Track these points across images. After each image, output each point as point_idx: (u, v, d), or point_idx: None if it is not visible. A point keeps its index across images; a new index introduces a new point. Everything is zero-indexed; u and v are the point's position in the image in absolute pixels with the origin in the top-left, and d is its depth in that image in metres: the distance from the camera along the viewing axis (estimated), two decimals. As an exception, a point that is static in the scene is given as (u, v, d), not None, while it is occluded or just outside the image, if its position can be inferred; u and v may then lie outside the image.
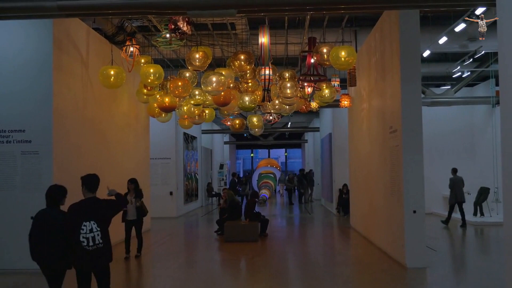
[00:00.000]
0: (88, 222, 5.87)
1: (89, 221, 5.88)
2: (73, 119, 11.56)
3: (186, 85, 11.62)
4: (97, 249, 5.88)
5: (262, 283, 9.82)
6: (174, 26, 9.71)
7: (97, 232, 5.87)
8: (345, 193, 20.53)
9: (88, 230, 5.85)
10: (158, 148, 20.86)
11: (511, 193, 4.35)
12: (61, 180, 10.75)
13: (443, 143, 20.93)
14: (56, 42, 10.76)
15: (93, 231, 5.86)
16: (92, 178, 6.25)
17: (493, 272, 10.26)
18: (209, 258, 12.80)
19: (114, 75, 10.72)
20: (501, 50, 4.45)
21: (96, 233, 5.86)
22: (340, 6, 8.09)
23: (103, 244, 5.93)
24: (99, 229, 5.89)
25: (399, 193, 10.76)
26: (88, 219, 5.89)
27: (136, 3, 7.76)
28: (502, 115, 4.50)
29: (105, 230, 6.00)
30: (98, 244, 5.87)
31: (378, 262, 11.28)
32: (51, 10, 7.81)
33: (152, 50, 14.56)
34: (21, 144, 10.55)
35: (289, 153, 54.57)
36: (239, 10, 7.76)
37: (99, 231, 5.88)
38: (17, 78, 10.61)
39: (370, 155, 14.02)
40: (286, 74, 11.85)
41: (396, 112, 10.98)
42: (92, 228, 5.86)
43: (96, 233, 5.86)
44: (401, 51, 10.66)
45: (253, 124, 15.77)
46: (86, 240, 5.82)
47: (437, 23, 13.06)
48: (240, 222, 15.39)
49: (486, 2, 7.83)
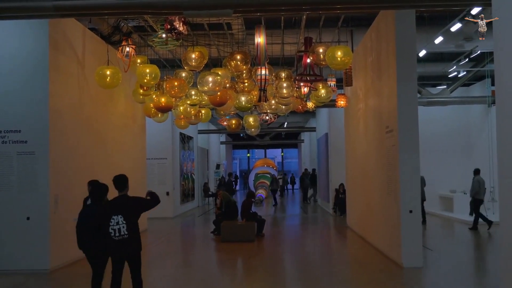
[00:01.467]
0: (116, 216, 6.71)
1: (117, 215, 6.72)
2: (69, 120, 11.54)
3: (182, 85, 11.60)
4: (123, 239, 6.72)
5: (259, 283, 9.83)
6: (170, 26, 9.70)
7: (123, 224, 6.70)
8: (341, 193, 20.54)
9: (115, 222, 6.70)
10: (155, 148, 20.84)
11: (507, 193, 4.36)
12: (57, 180, 10.77)
13: (439, 143, 20.95)
14: (52, 42, 10.74)
15: (119, 223, 6.70)
16: (118, 178, 7.11)
17: (489, 271, 10.29)
18: (206, 258, 12.79)
19: (110, 75, 10.69)
20: (497, 50, 4.47)
21: (122, 225, 6.70)
22: (336, 6, 8.10)
23: (128, 235, 6.73)
24: (125, 222, 6.72)
25: (396, 193, 10.77)
26: (116, 213, 6.73)
27: (132, 3, 7.75)
28: (498, 114, 4.52)
29: (132, 223, 6.78)
30: (123, 235, 6.70)
31: (375, 262, 11.29)
32: (47, 10, 7.79)
33: (148, 50, 14.53)
34: (17, 144, 10.52)
35: (285, 153, 54.56)
36: (235, 10, 7.76)
37: (124, 223, 6.71)
38: (13, 78, 10.59)
39: (366, 155, 14.03)
40: (282, 74, 11.85)
41: (392, 112, 10.99)
42: (119, 221, 6.70)
43: (122, 225, 6.70)
44: (397, 51, 10.67)
45: (250, 124, 15.77)
46: (113, 231, 6.69)
47: (433, 23, 13.08)
48: (236, 222, 15.39)
49: (482, 2, 7.85)
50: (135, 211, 6.89)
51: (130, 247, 6.86)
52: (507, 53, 4.29)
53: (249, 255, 12.59)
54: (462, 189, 19.98)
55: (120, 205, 6.83)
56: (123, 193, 6.98)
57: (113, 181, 7.09)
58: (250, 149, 54.25)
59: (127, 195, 7.01)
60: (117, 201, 6.93)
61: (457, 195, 19.97)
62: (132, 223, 6.81)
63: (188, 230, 18.92)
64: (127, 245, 6.80)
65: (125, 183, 7.04)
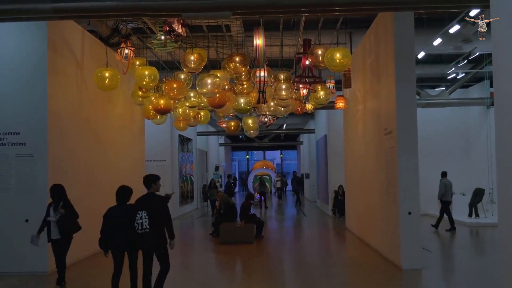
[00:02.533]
0: (141, 211, 7.39)
1: (142, 210, 7.39)
2: (68, 122, 11.53)
3: (181, 87, 11.60)
4: (145, 233, 7.37)
5: (258, 285, 9.82)
6: (169, 28, 9.70)
7: (145, 219, 7.35)
8: (340, 194, 20.54)
9: (140, 217, 7.37)
10: (154, 150, 20.81)
11: (506, 194, 4.36)
12: (56, 182, 10.72)
13: (438, 145, 20.97)
14: (50, 44, 10.73)
15: (142, 218, 7.36)
16: (146, 177, 7.89)
17: (488, 273, 10.29)
18: (205, 260, 12.78)
19: (109, 77, 10.70)
20: (495, 52, 4.47)
21: (144, 220, 7.35)
22: (334, 8, 8.09)
23: (150, 230, 7.35)
24: (148, 217, 7.36)
25: (395, 195, 10.77)
26: (142, 209, 7.41)
27: (131, 6, 7.74)
28: (496, 116, 4.52)
29: (154, 219, 7.39)
30: (145, 229, 7.35)
31: (374, 263, 11.29)
32: (46, 12, 7.78)
33: (147, 52, 14.52)
34: (16, 146, 10.50)
35: (284, 155, 54.52)
36: (234, 12, 7.76)
37: (147, 218, 7.36)
38: (12, 80, 10.57)
39: (365, 156, 14.03)
40: (281, 76, 11.84)
41: (391, 113, 11.00)
42: (142, 216, 7.37)
43: (144, 220, 7.35)
44: (396, 53, 10.68)
45: (248, 126, 15.76)
46: (137, 225, 7.37)
47: (432, 25, 13.09)
48: (235, 224, 15.38)
49: (480, 4, 7.85)
50: (157, 208, 7.48)
51: (152, 241, 7.46)
52: (506, 55, 4.30)
53: (248, 257, 12.58)
54: (461, 190, 19.99)
55: (145, 201, 7.54)
56: (150, 191, 7.67)
57: (143, 180, 7.88)
58: (249, 151, 54.21)
59: (153, 193, 7.66)
60: (143, 198, 7.65)
61: (455, 197, 19.96)
62: (155, 218, 7.40)
63: (187, 232, 18.89)
64: (149, 238, 7.42)
65: (151, 182, 7.70)
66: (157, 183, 7.79)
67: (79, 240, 11.92)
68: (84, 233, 12.25)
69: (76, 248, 11.76)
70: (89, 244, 12.55)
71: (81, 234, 12.02)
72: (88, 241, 12.52)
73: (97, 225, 12.89)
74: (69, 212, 8.87)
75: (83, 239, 12.20)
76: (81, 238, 12.01)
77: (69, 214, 8.87)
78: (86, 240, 12.40)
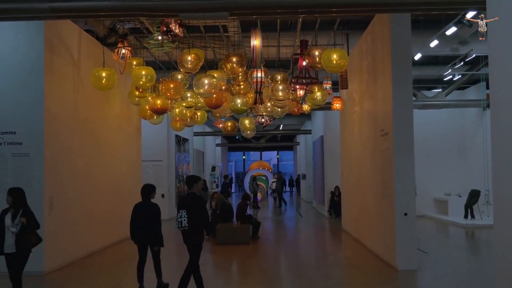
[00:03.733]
0: (182, 210, 7.92)
1: (183, 209, 7.92)
2: (65, 121, 11.51)
3: (178, 87, 11.60)
4: (184, 230, 7.98)
5: (254, 285, 9.82)
6: (166, 28, 9.69)
7: (185, 218, 7.88)
8: (336, 195, 20.55)
9: (179, 216, 7.91)
10: (150, 150, 20.78)
11: (501, 196, 4.37)
12: (52, 182, 10.74)
13: (434, 146, 21.02)
14: (47, 44, 10.71)
15: (182, 217, 7.88)
16: (189, 178, 8.45)
17: (484, 274, 10.31)
18: (201, 260, 12.69)
19: (106, 77, 10.69)
20: (492, 54, 4.49)
21: (184, 218, 7.87)
22: (332, 9, 8.10)
23: (188, 228, 7.90)
24: (187, 216, 7.88)
25: (391, 196, 10.79)
26: (182, 208, 7.95)
27: (128, 6, 7.73)
28: (492, 118, 4.53)
29: (193, 218, 7.91)
30: (184, 226, 7.91)
31: (370, 264, 11.30)
32: (43, 11, 7.76)
33: (144, 52, 14.50)
34: (12, 146, 10.48)
35: (281, 155, 54.56)
36: (232, 13, 7.76)
37: (186, 217, 7.88)
38: (8, 80, 10.55)
39: (361, 157, 14.05)
40: (278, 76, 11.86)
41: (388, 115, 11.02)
42: (182, 214, 7.89)
43: (184, 218, 7.87)
44: (393, 54, 10.70)
45: (245, 127, 15.77)
46: (177, 223, 7.94)
47: (428, 27, 13.12)
48: (232, 224, 15.37)
49: (477, 6, 7.88)
50: (197, 208, 8.05)
51: (190, 237, 8.08)
52: (502, 57, 4.31)
53: (244, 258, 12.58)
54: (457, 192, 20.05)
55: (186, 201, 8.11)
56: (191, 191, 8.25)
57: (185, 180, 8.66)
58: (246, 152, 54.22)
59: (195, 193, 8.23)
60: (185, 198, 8.33)
61: (451, 198, 20.03)
62: (194, 217, 7.95)
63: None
64: (187, 235, 8.05)
65: (192, 183, 8.27)
66: (198, 183, 8.36)
67: (77, 240, 11.94)
68: (82, 233, 12.28)
69: (75, 248, 11.78)
70: (88, 244, 12.58)
71: (79, 234, 12.05)
72: (87, 241, 12.55)
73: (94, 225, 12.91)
74: (30, 222, 7.54)
75: (82, 239, 12.21)
76: (79, 237, 12.03)
77: (30, 225, 7.53)
78: (85, 240, 12.43)
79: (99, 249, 13.20)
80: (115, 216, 14.29)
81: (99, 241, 13.29)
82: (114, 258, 12.48)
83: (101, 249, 13.33)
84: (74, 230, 11.72)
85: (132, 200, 12.35)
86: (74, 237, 11.77)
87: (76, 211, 11.91)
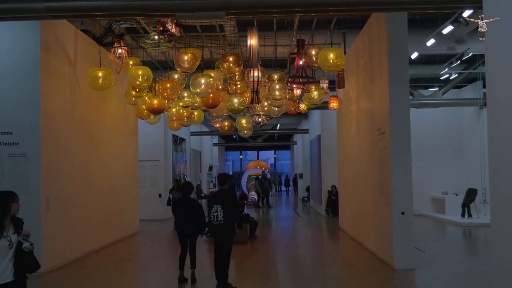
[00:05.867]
0: (216, 205, 8.50)
1: (217, 204, 8.51)
2: (61, 121, 11.48)
3: (174, 87, 11.58)
4: (219, 224, 8.48)
5: (252, 285, 9.81)
6: (163, 28, 9.68)
7: (220, 212, 8.44)
8: (334, 194, 20.56)
9: (215, 210, 8.47)
10: (147, 150, 20.76)
11: (498, 194, 4.38)
12: (49, 182, 10.71)
13: (431, 145, 21.04)
14: (43, 44, 10.68)
15: (217, 211, 8.45)
16: (220, 176, 9.28)
17: (481, 273, 10.33)
18: (199, 260, 12.73)
19: (102, 77, 10.66)
20: (488, 52, 4.49)
21: (219, 213, 8.43)
22: (328, 9, 8.10)
23: (224, 222, 8.45)
24: (222, 211, 8.45)
25: (388, 195, 10.80)
26: (217, 203, 8.54)
27: (124, 5, 7.72)
28: (489, 116, 4.54)
29: (228, 212, 8.50)
30: (220, 220, 8.43)
31: (367, 263, 11.31)
32: (39, 11, 7.74)
33: (141, 51, 14.49)
34: (8, 146, 10.44)
35: (278, 155, 54.56)
36: (228, 12, 7.75)
37: (221, 212, 8.45)
38: (4, 80, 10.50)
39: (358, 157, 14.06)
40: (275, 76, 11.85)
41: (384, 114, 11.03)
42: (217, 209, 8.46)
43: (219, 213, 8.43)
44: (389, 53, 10.71)
45: (242, 126, 15.77)
46: (213, 217, 8.46)
47: (425, 26, 13.14)
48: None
49: (473, 5, 7.89)
50: (230, 203, 8.61)
51: (225, 231, 8.53)
52: (499, 56, 4.32)
53: (241, 257, 12.57)
54: (454, 190, 20.08)
55: (220, 197, 8.72)
56: (223, 187, 8.92)
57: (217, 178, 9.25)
58: (243, 151, 54.21)
59: (226, 190, 8.89)
60: (218, 193, 8.97)
61: (449, 197, 20.06)
62: (228, 212, 8.48)
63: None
64: (223, 229, 8.50)
65: (225, 180, 8.99)
66: (228, 181, 9.05)
67: (74, 240, 11.91)
68: (79, 233, 12.25)
69: (72, 248, 11.76)
70: (85, 243, 12.56)
71: (76, 234, 12.02)
72: (84, 240, 12.53)
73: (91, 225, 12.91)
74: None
75: (79, 239, 12.19)
76: (76, 237, 12.00)
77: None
78: (82, 240, 12.41)
79: (96, 249, 13.17)
80: (112, 216, 14.27)
81: (96, 241, 13.27)
82: (111, 258, 12.46)
83: (98, 249, 13.31)
84: (71, 230, 11.70)
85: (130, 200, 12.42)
86: (71, 237, 11.75)
87: (73, 211, 11.89)
